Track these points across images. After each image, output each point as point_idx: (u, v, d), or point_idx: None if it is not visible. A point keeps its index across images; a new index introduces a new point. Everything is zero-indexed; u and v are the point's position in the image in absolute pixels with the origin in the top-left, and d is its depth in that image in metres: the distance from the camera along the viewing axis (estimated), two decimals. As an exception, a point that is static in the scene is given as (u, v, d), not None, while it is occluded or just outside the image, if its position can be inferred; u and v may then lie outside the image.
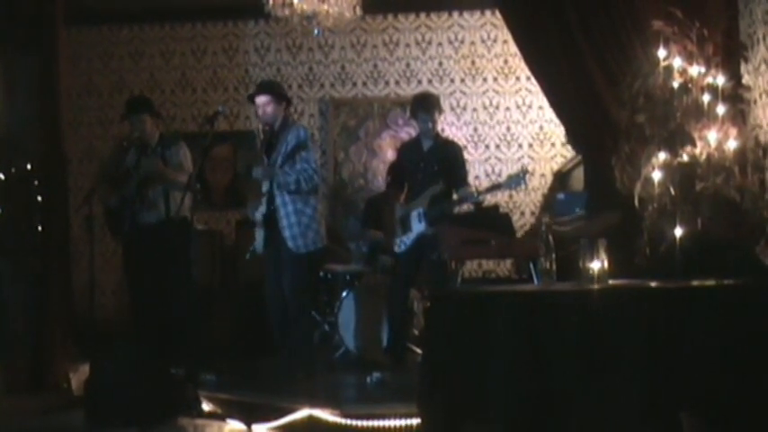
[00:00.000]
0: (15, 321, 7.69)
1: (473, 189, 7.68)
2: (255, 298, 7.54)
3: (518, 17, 7.03)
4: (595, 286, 4.44)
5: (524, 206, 10.06)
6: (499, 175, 9.87)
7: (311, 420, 5.85)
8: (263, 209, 7.13)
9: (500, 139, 10.16)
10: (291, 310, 7.05)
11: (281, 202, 7.04)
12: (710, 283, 4.60)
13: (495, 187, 7.50)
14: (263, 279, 7.30)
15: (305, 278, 7.18)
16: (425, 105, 7.53)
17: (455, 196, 7.48)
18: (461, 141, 9.18)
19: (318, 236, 7.17)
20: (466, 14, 10.24)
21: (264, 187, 7.15)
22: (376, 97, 10.27)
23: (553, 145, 10.06)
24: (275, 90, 7.29)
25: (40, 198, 7.81)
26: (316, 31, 8.43)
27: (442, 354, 4.48)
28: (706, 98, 5.98)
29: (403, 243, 7.47)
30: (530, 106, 10.10)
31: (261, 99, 7.18)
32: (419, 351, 7.25)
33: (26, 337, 7.67)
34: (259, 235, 7.18)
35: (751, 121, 6.23)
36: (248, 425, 6.15)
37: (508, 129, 10.15)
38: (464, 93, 10.19)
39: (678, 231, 5.70)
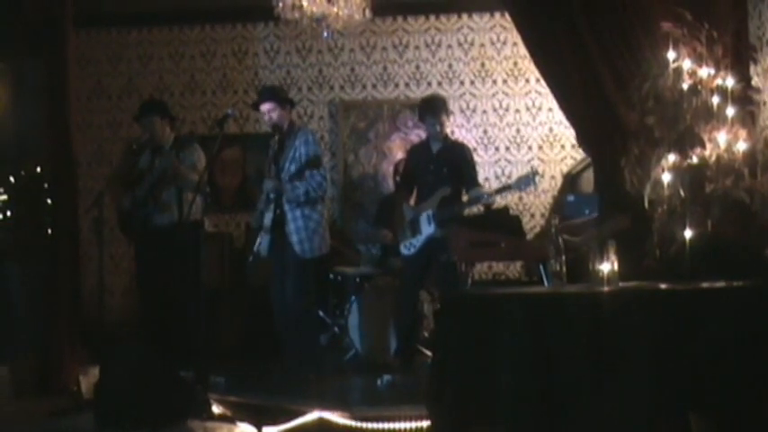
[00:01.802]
0: (24, 324, 7.71)
1: (485, 189, 7.68)
2: (265, 300, 7.53)
3: (527, 19, 7.02)
4: (605, 288, 4.44)
5: (534, 208, 10.05)
6: (509, 177, 9.82)
7: (321, 423, 5.86)
8: (270, 214, 7.16)
9: (510, 141, 10.14)
10: (294, 314, 7.09)
11: (289, 207, 7.10)
12: (720, 284, 4.59)
13: (505, 188, 7.48)
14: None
15: (308, 283, 7.21)
16: (432, 109, 7.53)
17: (466, 197, 7.48)
18: (471, 143, 9.18)
19: (324, 242, 7.23)
20: (475, 16, 10.23)
21: (273, 194, 7.18)
22: (386, 99, 10.27)
23: (563, 147, 10.04)
24: (278, 95, 7.36)
25: (49, 200, 7.84)
26: (325, 34, 8.42)
27: (452, 356, 4.48)
28: (715, 100, 5.94)
29: (412, 245, 7.47)
30: (539, 108, 10.08)
31: (265, 106, 7.27)
32: (429, 353, 7.26)
33: (35, 339, 7.71)
34: (265, 239, 7.21)
35: (760, 122, 6.20)
36: (258, 427, 6.14)
37: (518, 131, 10.14)
38: (474, 95, 10.17)
39: (688, 233, 5.67)
